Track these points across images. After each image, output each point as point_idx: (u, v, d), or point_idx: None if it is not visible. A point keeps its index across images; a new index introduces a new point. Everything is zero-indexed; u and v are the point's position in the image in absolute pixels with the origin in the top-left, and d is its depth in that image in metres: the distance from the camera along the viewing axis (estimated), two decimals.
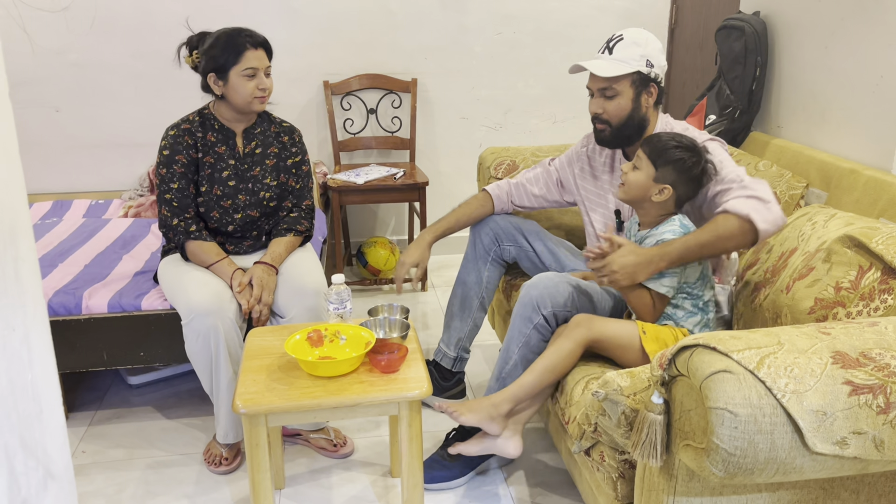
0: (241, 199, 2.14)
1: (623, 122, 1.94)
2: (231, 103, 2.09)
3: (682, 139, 1.77)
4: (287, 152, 2.21)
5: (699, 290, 1.77)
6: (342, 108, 3.50)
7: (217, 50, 2.03)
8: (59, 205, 3.16)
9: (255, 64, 2.03)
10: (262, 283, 2.06)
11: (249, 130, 2.18)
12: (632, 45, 1.90)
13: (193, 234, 2.10)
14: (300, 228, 2.22)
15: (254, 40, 2.04)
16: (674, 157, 1.74)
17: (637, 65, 1.90)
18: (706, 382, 1.19)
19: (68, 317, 2.15)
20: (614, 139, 1.99)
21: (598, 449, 1.61)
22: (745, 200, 1.69)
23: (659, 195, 1.76)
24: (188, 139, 2.10)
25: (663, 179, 1.75)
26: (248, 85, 2.04)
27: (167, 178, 2.09)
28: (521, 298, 1.89)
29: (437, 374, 2.35)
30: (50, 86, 3.24)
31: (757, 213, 1.67)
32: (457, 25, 3.48)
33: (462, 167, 3.65)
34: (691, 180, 1.76)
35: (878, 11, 1.97)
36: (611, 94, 1.92)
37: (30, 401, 0.72)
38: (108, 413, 2.40)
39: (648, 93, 1.93)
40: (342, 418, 2.20)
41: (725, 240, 1.68)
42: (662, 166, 1.75)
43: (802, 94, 2.32)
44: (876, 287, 1.49)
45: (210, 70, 2.05)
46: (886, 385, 1.19)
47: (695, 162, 1.75)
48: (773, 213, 1.68)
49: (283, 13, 3.33)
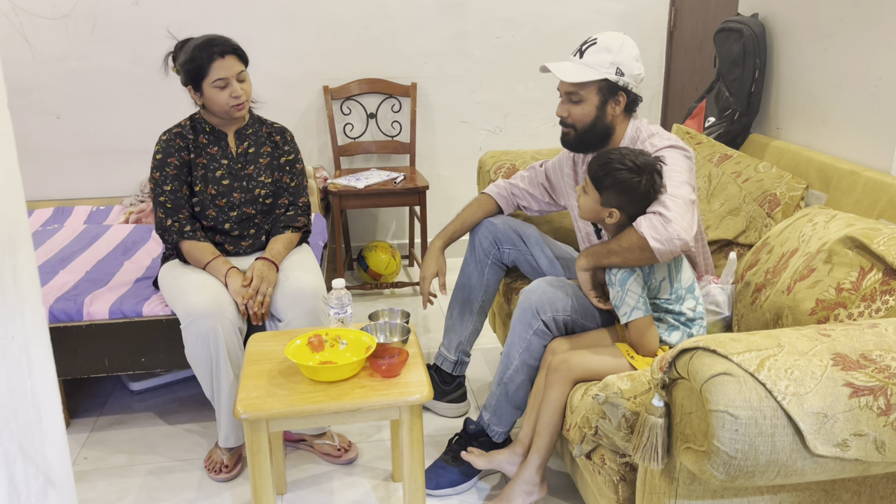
0: (237, 196, 2.16)
1: (586, 128, 1.93)
2: (212, 112, 2.13)
3: (626, 158, 1.71)
4: (280, 151, 2.23)
5: (673, 304, 1.76)
6: (342, 113, 3.50)
7: (188, 65, 2.05)
8: (60, 211, 3.17)
9: (223, 74, 2.03)
10: (263, 274, 2.06)
11: (241, 131, 2.20)
12: (603, 50, 1.87)
13: (188, 234, 2.11)
14: (297, 225, 2.23)
15: (221, 49, 2.04)
16: (617, 179, 1.70)
17: (605, 72, 1.87)
18: (706, 385, 1.19)
19: (69, 323, 2.16)
20: (578, 144, 1.98)
21: (598, 452, 1.60)
22: (650, 217, 1.69)
23: (609, 218, 1.75)
24: (179, 142, 2.13)
25: (609, 203, 1.73)
26: (222, 95, 2.05)
27: (160, 181, 2.12)
28: (520, 304, 1.89)
29: (437, 379, 2.35)
30: (50, 92, 3.25)
31: (652, 231, 1.66)
32: (456, 29, 3.48)
33: (462, 171, 3.65)
34: (639, 199, 1.72)
35: (877, 13, 1.98)
36: (576, 98, 1.91)
37: (29, 409, 0.72)
38: (109, 419, 2.40)
39: (616, 101, 1.90)
40: (343, 423, 2.19)
41: (627, 251, 1.70)
42: (606, 190, 1.72)
43: (801, 96, 2.32)
44: (877, 288, 1.49)
45: (187, 83, 2.09)
46: (887, 387, 1.19)
47: (638, 181, 1.69)
48: (669, 231, 1.65)
49: (283, 18, 3.33)
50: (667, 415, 1.31)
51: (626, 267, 1.73)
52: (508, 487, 1.87)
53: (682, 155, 1.85)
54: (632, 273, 1.73)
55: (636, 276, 1.73)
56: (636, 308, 1.72)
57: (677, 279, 1.77)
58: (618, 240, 1.73)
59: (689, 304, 1.78)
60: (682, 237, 1.66)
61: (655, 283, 1.76)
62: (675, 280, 1.76)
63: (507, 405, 1.95)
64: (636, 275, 1.73)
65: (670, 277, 1.76)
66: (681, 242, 1.67)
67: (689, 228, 1.69)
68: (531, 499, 1.86)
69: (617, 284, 1.74)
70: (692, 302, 1.78)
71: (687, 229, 1.68)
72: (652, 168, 1.71)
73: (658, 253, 1.67)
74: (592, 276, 1.83)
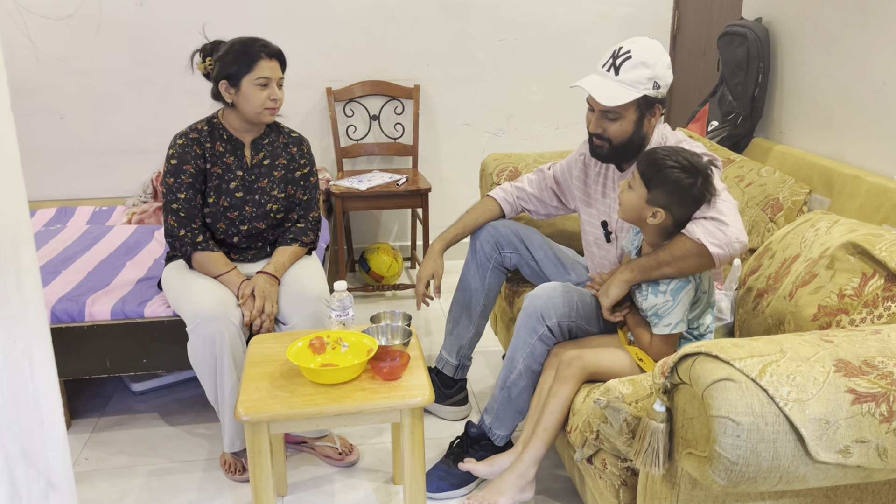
0: (248, 210, 2.14)
1: (623, 143, 1.88)
2: (241, 112, 2.07)
3: (680, 157, 1.64)
4: (296, 164, 2.20)
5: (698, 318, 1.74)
6: (345, 115, 3.51)
7: (231, 57, 2.02)
8: (63, 211, 3.17)
9: (268, 74, 2.03)
10: (265, 293, 2.05)
11: (258, 141, 2.17)
12: (640, 65, 1.79)
13: (200, 245, 2.09)
14: (305, 240, 2.22)
15: (268, 51, 2.04)
16: (669, 178, 1.62)
17: (644, 89, 1.80)
18: (708, 391, 1.18)
19: (71, 324, 2.16)
20: (611, 156, 1.94)
21: (600, 457, 1.60)
22: (702, 222, 1.65)
23: (653, 218, 1.66)
24: (196, 149, 2.09)
25: (655, 202, 1.65)
26: (260, 95, 2.03)
27: (174, 188, 2.08)
28: (524, 308, 1.89)
29: (439, 382, 2.34)
30: (54, 93, 3.25)
31: (709, 237, 1.62)
32: (459, 32, 3.49)
33: (465, 173, 3.65)
34: (688, 201, 1.64)
35: (880, 18, 1.97)
36: (613, 116, 1.84)
37: (31, 411, 0.72)
38: (111, 420, 2.40)
39: (652, 114, 1.86)
40: (344, 426, 2.19)
41: (681, 260, 1.64)
42: (655, 188, 1.64)
43: (805, 101, 2.32)
44: (879, 294, 1.48)
45: (222, 77, 2.04)
46: (889, 393, 1.19)
47: (691, 183, 1.62)
48: (728, 235, 1.62)
49: (287, 20, 3.34)
50: (668, 420, 1.31)
51: (679, 276, 1.67)
52: (501, 479, 1.83)
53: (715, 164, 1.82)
54: (687, 283, 1.67)
55: (690, 287, 1.67)
56: (681, 322, 1.68)
57: (711, 293, 1.74)
58: (669, 249, 1.66)
59: (708, 319, 1.75)
60: (741, 240, 1.63)
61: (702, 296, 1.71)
62: (711, 294, 1.74)
63: (509, 409, 1.95)
64: (691, 285, 1.67)
65: (710, 291, 1.73)
66: (741, 246, 1.63)
67: (745, 231, 1.66)
68: (523, 496, 1.82)
69: (669, 294, 1.67)
70: (710, 318, 1.75)
71: (743, 232, 1.65)
72: (706, 170, 1.64)
73: (718, 258, 1.62)
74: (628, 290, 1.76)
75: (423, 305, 2.23)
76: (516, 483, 1.80)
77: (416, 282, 2.22)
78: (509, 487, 1.80)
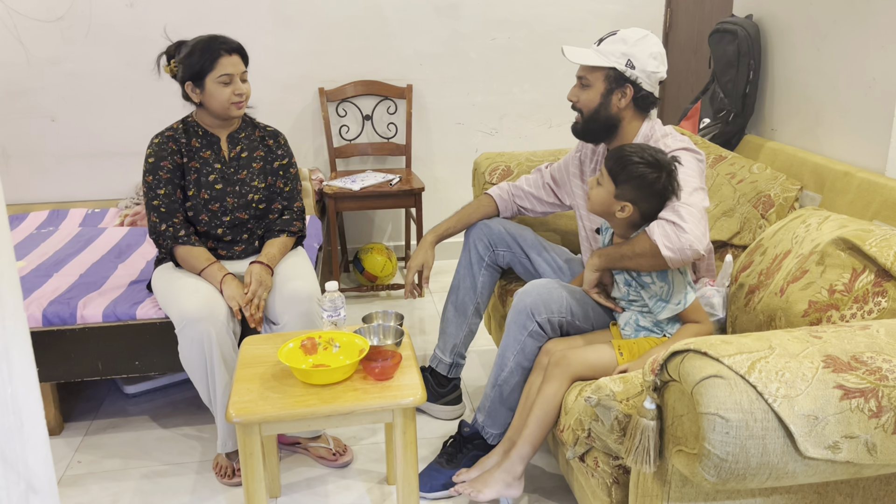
0: (230, 201, 2.15)
1: (591, 114, 1.96)
2: (209, 110, 2.11)
3: (646, 153, 1.71)
4: (273, 155, 2.22)
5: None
6: (338, 115, 3.50)
7: (193, 58, 2.05)
8: (55, 214, 3.16)
9: (229, 70, 2.05)
10: (261, 279, 2.06)
11: (234, 135, 2.20)
12: (619, 41, 1.90)
13: (182, 239, 2.10)
14: (293, 229, 2.23)
15: (228, 46, 2.06)
16: (634, 173, 1.70)
17: (615, 61, 1.89)
18: (697, 388, 1.18)
19: (63, 326, 2.15)
20: (583, 132, 2.01)
21: (592, 455, 1.60)
22: (663, 224, 1.69)
23: (621, 212, 1.74)
24: (172, 145, 2.12)
25: (623, 197, 1.73)
26: (225, 91, 2.06)
27: (153, 185, 2.11)
28: (514, 305, 1.89)
29: (432, 381, 2.34)
30: (45, 95, 3.24)
31: (665, 239, 1.67)
32: (451, 31, 3.48)
33: (458, 173, 3.65)
34: (654, 196, 1.72)
35: (870, 14, 1.97)
36: (585, 83, 1.95)
37: (10, 415, 0.72)
38: (104, 423, 2.39)
39: (622, 92, 1.92)
40: (336, 426, 2.19)
41: (639, 256, 1.72)
42: (623, 183, 1.72)
43: (796, 97, 2.32)
44: (870, 290, 1.48)
45: (187, 78, 2.08)
46: (878, 389, 1.19)
47: (656, 177, 1.69)
48: (682, 241, 1.66)
49: (278, 21, 3.33)
50: (658, 417, 1.31)
51: (639, 270, 1.75)
52: (488, 473, 1.84)
53: (695, 158, 1.85)
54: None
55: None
56: (689, 292, 1.73)
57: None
58: (631, 245, 1.74)
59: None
60: (694, 247, 1.67)
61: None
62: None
63: (501, 407, 1.94)
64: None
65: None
66: (693, 252, 1.67)
67: (703, 238, 1.69)
68: (510, 492, 1.82)
69: (657, 279, 1.74)
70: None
71: (700, 239, 1.68)
72: (670, 166, 1.72)
73: (670, 261, 1.68)
74: (601, 276, 1.84)
75: (411, 297, 2.26)
76: (502, 478, 1.82)
77: (406, 272, 2.23)
78: (496, 482, 1.82)
